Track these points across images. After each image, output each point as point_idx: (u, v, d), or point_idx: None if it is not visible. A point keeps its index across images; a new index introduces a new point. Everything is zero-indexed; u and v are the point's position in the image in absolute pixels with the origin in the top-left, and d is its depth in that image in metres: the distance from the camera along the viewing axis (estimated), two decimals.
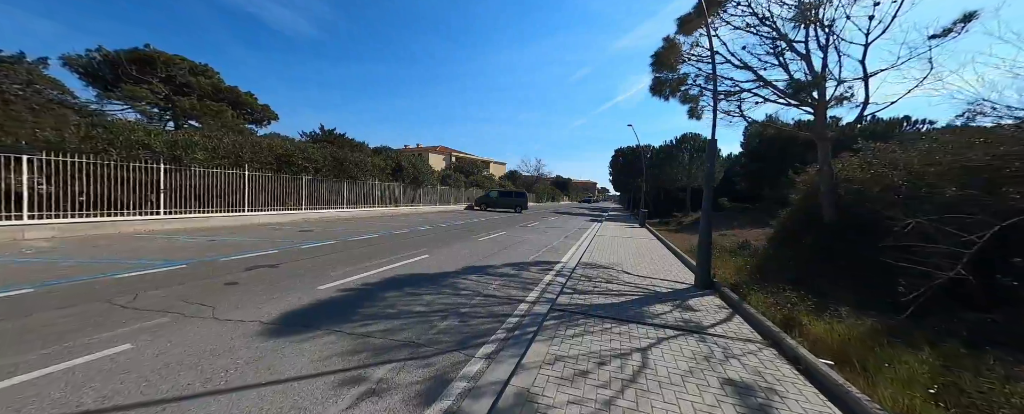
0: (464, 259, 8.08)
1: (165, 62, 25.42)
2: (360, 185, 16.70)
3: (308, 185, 13.56)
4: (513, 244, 10.95)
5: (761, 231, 13.75)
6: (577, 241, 12.72)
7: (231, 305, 4.22)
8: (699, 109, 11.54)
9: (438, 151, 64.89)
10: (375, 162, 18.54)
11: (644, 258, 9.25)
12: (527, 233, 14.19)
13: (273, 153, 11.87)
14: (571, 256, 9.32)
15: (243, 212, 11.24)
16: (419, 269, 6.79)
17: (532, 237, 12.98)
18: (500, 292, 5.56)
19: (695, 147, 27.11)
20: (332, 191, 14.94)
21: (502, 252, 9.35)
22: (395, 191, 19.76)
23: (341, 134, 29.34)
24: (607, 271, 7.35)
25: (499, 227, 15.93)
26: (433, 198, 24.34)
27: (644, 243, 12.54)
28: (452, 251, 8.99)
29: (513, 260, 8.36)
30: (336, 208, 15.30)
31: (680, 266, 8.43)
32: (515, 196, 29.33)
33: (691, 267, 8.08)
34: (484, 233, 13.22)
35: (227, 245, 7.97)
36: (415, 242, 10.08)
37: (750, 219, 16.78)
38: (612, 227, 18.98)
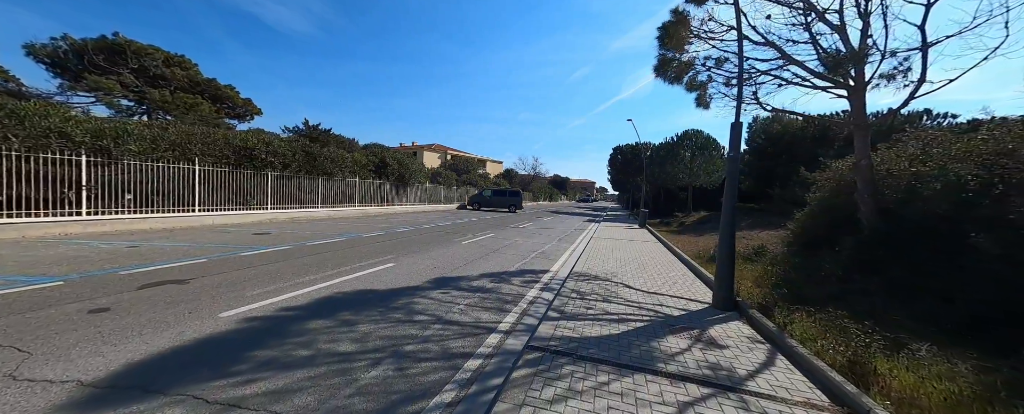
0: (436, 268, 6.82)
1: (136, 52, 24.01)
2: (337, 183, 15.40)
3: (275, 182, 12.25)
4: (499, 248, 9.70)
5: (773, 234, 12.55)
6: (571, 245, 11.48)
7: (59, 349, 2.94)
8: (707, 97, 10.35)
9: (434, 149, 63.60)
10: (356, 158, 17.23)
11: (647, 266, 8.01)
12: (517, 235, 12.95)
13: (231, 146, 10.57)
14: (563, 264, 8.07)
15: (193, 212, 9.93)
16: (374, 283, 5.53)
17: (522, 240, 11.73)
18: (466, 316, 4.31)
19: (697, 144, 25.90)
20: (305, 189, 13.66)
21: (483, 259, 8.09)
22: (378, 189, 18.47)
23: (326, 129, 27.98)
24: (604, 284, 6.10)
25: (488, 228, 14.69)
26: (421, 197, 23.06)
27: (646, 247, 11.31)
28: (425, 258, 7.73)
29: (494, 269, 7.10)
30: (309, 208, 14.01)
31: (690, 277, 7.18)
32: (509, 195, 28.06)
33: (704, 279, 6.84)
34: (469, 235, 11.96)
35: (147, 252, 6.67)
36: (386, 247, 8.81)
37: (757, 220, 15.60)
38: (610, 228, 17.76)
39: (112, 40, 23.40)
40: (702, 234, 15.96)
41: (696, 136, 26.11)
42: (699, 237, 15.26)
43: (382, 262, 7.03)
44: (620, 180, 45.09)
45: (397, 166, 19.33)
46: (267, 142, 11.75)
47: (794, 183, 15.24)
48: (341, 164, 15.23)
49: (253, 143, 11.20)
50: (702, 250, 10.25)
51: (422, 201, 23.17)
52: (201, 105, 24.15)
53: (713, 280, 6.40)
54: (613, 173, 44.36)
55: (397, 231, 11.89)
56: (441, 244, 9.79)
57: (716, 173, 25.52)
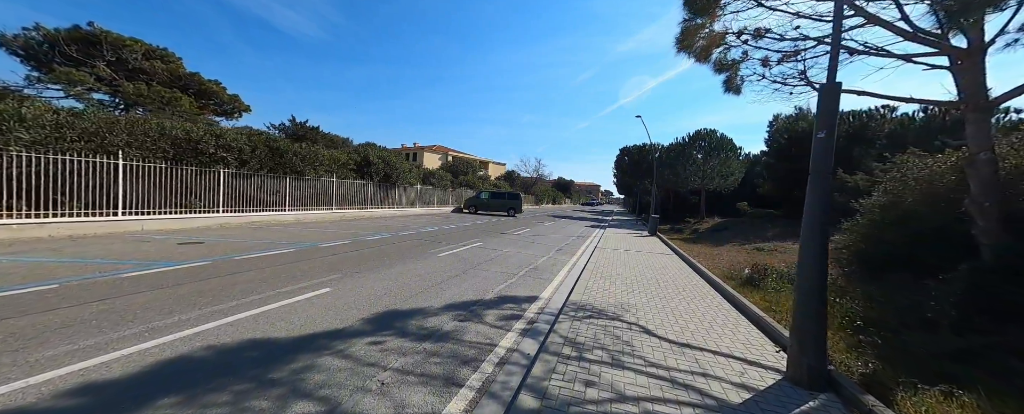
0: (386, 296, 5.08)
1: (113, 43, 22.63)
2: (310, 183, 13.74)
3: (229, 182, 10.60)
4: (482, 263, 7.94)
5: None
6: (572, 257, 9.69)
7: None
8: (738, 80, 8.57)
9: (434, 150, 62.24)
10: (334, 155, 15.57)
11: (667, 292, 6.19)
12: (509, 244, 11.18)
13: (168, 137, 8.90)
14: (558, 287, 6.30)
15: (115, 216, 8.29)
16: (278, 325, 3.80)
17: (513, 251, 9.97)
18: (384, 404, 2.55)
19: (711, 145, 24.00)
20: (269, 190, 12.01)
21: (457, 279, 6.33)
22: (360, 191, 16.77)
23: (314, 127, 26.49)
24: (612, 328, 4.31)
25: (478, 235, 12.94)
26: (412, 199, 21.36)
27: (661, 262, 9.48)
28: (379, 278, 5.99)
29: (465, 296, 5.34)
30: (274, 211, 12.35)
31: (728, 311, 5.36)
32: (508, 198, 26.29)
33: (750, 316, 5.01)
34: (451, 244, 10.21)
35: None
36: (338, 261, 7.09)
37: (787, 229, 13.70)
38: (616, 236, 15.93)
39: (87, 31, 22.05)
40: (721, 243, 14.09)
41: (709, 136, 24.22)
42: (718, 247, 13.39)
43: (317, 286, 5.29)
44: (626, 183, 43.18)
45: (383, 165, 17.63)
46: (217, 134, 10.08)
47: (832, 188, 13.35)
48: (313, 162, 13.54)
49: (198, 135, 9.52)
50: (731, 267, 8.41)
51: (412, 204, 21.47)
52: (181, 100, 22.69)
53: (764, 320, 4.59)
54: (619, 176, 42.45)
55: (366, 239, 10.17)
56: (412, 257, 8.05)
57: (731, 175, 23.60)
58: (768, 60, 7.38)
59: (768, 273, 6.82)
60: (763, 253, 10.90)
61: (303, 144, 13.78)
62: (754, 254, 10.81)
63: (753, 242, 13.08)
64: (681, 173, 25.06)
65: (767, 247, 11.56)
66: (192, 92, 26.26)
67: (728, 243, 14.07)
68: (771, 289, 6.15)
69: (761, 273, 6.81)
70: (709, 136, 24.04)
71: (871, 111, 15.44)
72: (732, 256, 10.38)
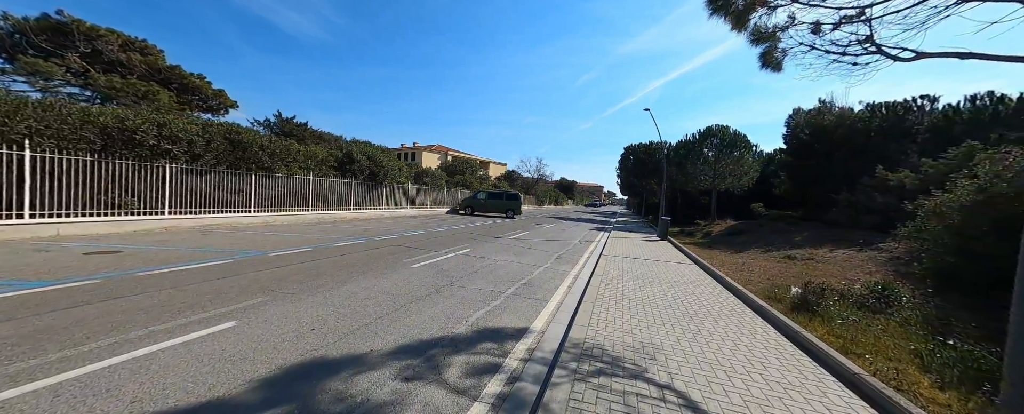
0: (315, 332, 3.63)
1: (86, 33, 21.33)
2: (282, 181, 12.30)
3: (178, 178, 9.17)
4: (465, 276, 6.47)
5: (856, 254, 9.13)
6: (573, 268, 8.21)
7: None
8: (778, 53, 7.09)
9: (434, 150, 60.98)
10: (311, 151, 14.12)
11: (702, 322, 4.69)
12: (502, 250, 9.70)
13: (95, 125, 7.46)
14: (556, 312, 4.82)
15: (20, 219, 6.86)
16: (92, 400, 2.34)
17: (506, 259, 8.49)
18: None
19: (723, 142, 22.43)
20: (230, 188, 10.58)
21: (427, 301, 4.86)
22: (342, 190, 15.31)
23: (302, 123, 25.12)
24: (637, 395, 2.83)
25: (468, 239, 11.47)
26: (402, 200, 19.89)
27: (681, 275, 7.98)
28: (319, 302, 4.54)
29: (428, 330, 3.88)
30: (237, 213, 10.90)
31: (793, 355, 3.85)
32: (506, 198, 24.79)
33: (829, 364, 3.50)
34: (433, 252, 8.75)
35: None
36: (275, 277, 5.64)
37: (818, 233, 12.14)
38: (624, 240, 14.42)
39: (57, 20, 20.75)
40: (741, 249, 12.57)
41: (721, 133, 22.66)
42: (739, 254, 11.87)
43: (220, 317, 3.84)
44: (631, 183, 41.63)
45: (367, 162, 16.17)
46: (160, 123, 8.63)
47: (866, 186, 11.80)
48: (284, 158, 12.08)
49: (136, 123, 8.07)
50: (768, 281, 6.90)
51: (403, 205, 20.01)
52: (158, 93, 21.34)
53: (862, 379, 3.09)
54: (623, 175, 40.91)
55: (335, 246, 8.72)
56: (379, 268, 6.59)
57: (745, 175, 22.04)
58: (820, 25, 5.94)
59: (825, 293, 5.30)
60: (796, 263, 9.37)
61: (272, 137, 12.34)
62: (786, 264, 9.29)
63: (779, 248, 11.54)
64: (691, 172, 23.51)
65: (799, 255, 10.03)
66: (175, 87, 24.97)
67: (749, 249, 12.54)
68: (836, 317, 4.64)
69: (816, 294, 5.30)
70: (721, 132, 22.48)
71: (907, 102, 13.88)
72: (761, 267, 8.86)
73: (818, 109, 18.60)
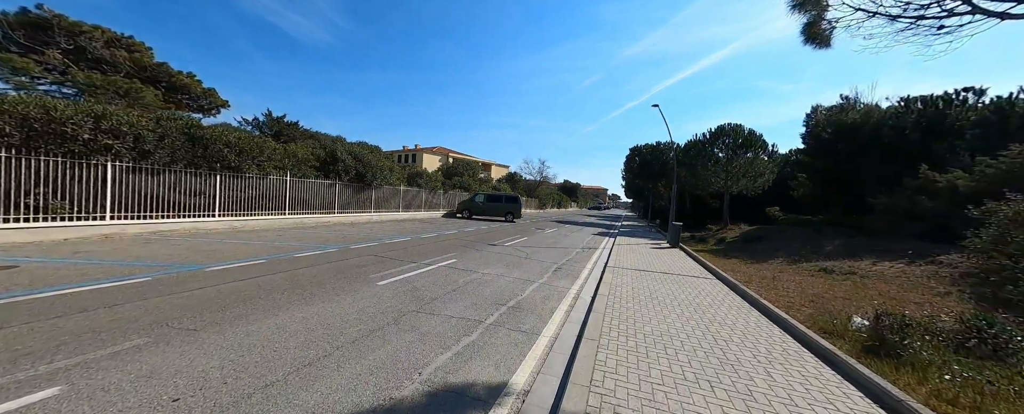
0: (181, 403, 2.39)
1: (68, 29, 20.47)
2: (254, 182, 11.13)
3: (121, 177, 8.02)
4: (439, 297, 5.24)
5: (908, 268, 7.78)
6: (574, 283, 6.94)
7: None
8: (826, 24, 6.02)
9: (435, 152, 60.05)
10: (289, 149, 12.97)
11: (748, 370, 3.41)
12: (493, 261, 8.45)
13: (10, 115, 6.28)
14: (547, 354, 3.57)
15: None
16: None
17: (496, 272, 7.24)
18: None
19: (736, 142, 21.07)
20: (191, 190, 9.43)
21: (377, 336, 3.63)
22: (325, 192, 14.12)
23: (293, 122, 24.06)
24: None
25: (458, 247, 10.24)
26: (393, 202, 18.68)
27: (702, 290, 6.68)
28: (222, 345, 3.33)
29: (357, 395, 2.63)
30: (198, 217, 9.72)
31: None
32: (505, 201, 23.55)
33: None
34: (413, 262, 7.53)
35: None
36: (185, 305, 4.45)
37: (854, 242, 10.77)
38: (631, 248, 13.12)
39: (37, 14, 19.88)
40: (763, 259, 11.23)
41: (734, 132, 21.31)
42: (763, 264, 10.55)
43: (53, 376, 2.63)
44: (637, 186, 40.25)
45: (354, 162, 14.98)
46: (97, 115, 7.47)
47: (907, 189, 10.42)
48: (255, 156, 10.91)
49: (66, 114, 6.89)
50: (819, 304, 5.58)
51: (394, 208, 18.81)
52: (141, 91, 20.39)
53: None
54: (629, 178, 39.54)
55: (298, 256, 7.52)
56: (332, 289, 5.38)
57: (760, 177, 20.65)
58: None
59: (908, 329, 3.99)
60: (836, 278, 8.03)
61: (242, 134, 11.19)
62: (825, 280, 7.95)
63: (809, 259, 10.19)
64: (701, 174, 22.15)
65: (836, 269, 8.68)
66: (163, 85, 24.07)
67: (773, 258, 11.20)
68: (933, 367, 3.35)
69: (895, 329, 4.00)
70: (734, 132, 21.11)
71: (948, 95, 12.49)
72: (796, 283, 7.54)
73: (841, 106, 17.26)
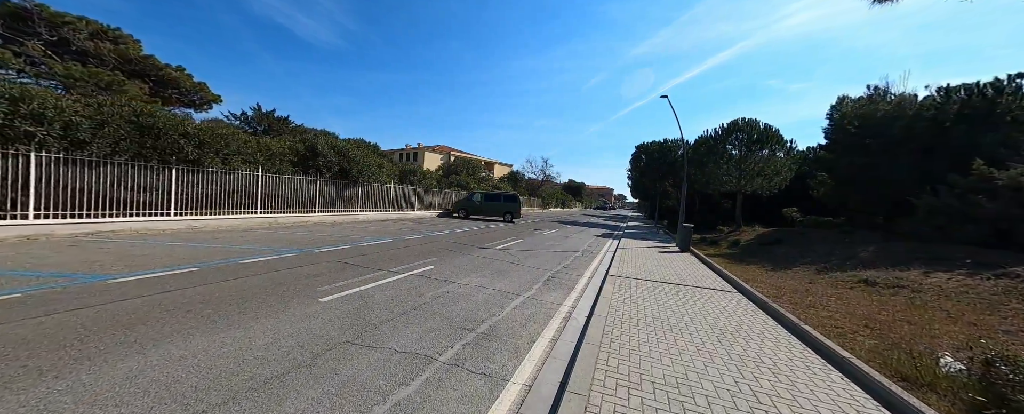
0: None
1: (50, 20, 19.71)
2: (219, 177, 10.07)
3: (49, 170, 6.97)
4: (389, 320, 4.10)
5: (972, 280, 6.46)
6: (566, 298, 5.74)
7: None
8: None
9: (437, 150, 59.10)
10: (265, 142, 11.92)
11: None
12: (477, 268, 7.29)
13: None
14: None
15: None
16: None
17: (475, 283, 6.08)
18: None
19: (751, 138, 19.67)
20: (141, 185, 8.39)
21: (262, 393, 2.47)
22: (304, 190, 13.02)
23: (282, 117, 23.13)
24: None
25: (441, 251, 9.10)
26: (383, 201, 17.54)
27: (723, 308, 5.46)
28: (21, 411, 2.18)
29: None
30: (149, 216, 8.69)
31: None
32: (504, 200, 22.37)
33: None
34: (377, 272, 6.40)
35: None
36: (27, 338, 3.35)
37: (886, 246, 9.43)
38: (636, 251, 11.87)
39: (15, 4, 19.13)
40: (786, 265, 9.95)
41: (749, 127, 19.91)
42: (786, 272, 9.29)
43: None
44: (643, 185, 38.83)
45: (336, 158, 13.88)
46: (13, 97, 6.45)
47: (957, 187, 9.06)
48: (218, 148, 9.83)
49: None
50: (877, 329, 4.34)
51: (384, 207, 17.70)
52: (124, 84, 19.56)
53: None
54: (635, 176, 38.15)
55: (242, 263, 6.44)
56: (257, 309, 4.26)
57: (777, 175, 19.24)
58: None
59: None
60: (883, 292, 6.74)
61: (202, 124, 10.11)
62: (869, 294, 6.67)
63: (841, 266, 8.89)
64: (713, 172, 20.79)
65: (879, 279, 7.38)
66: (151, 79, 23.28)
67: (796, 265, 9.91)
68: None
69: (1011, 381, 2.77)
70: (749, 127, 19.72)
71: (998, 82, 11.07)
72: (835, 299, 6.27)
73: (869, 97, 15.83)
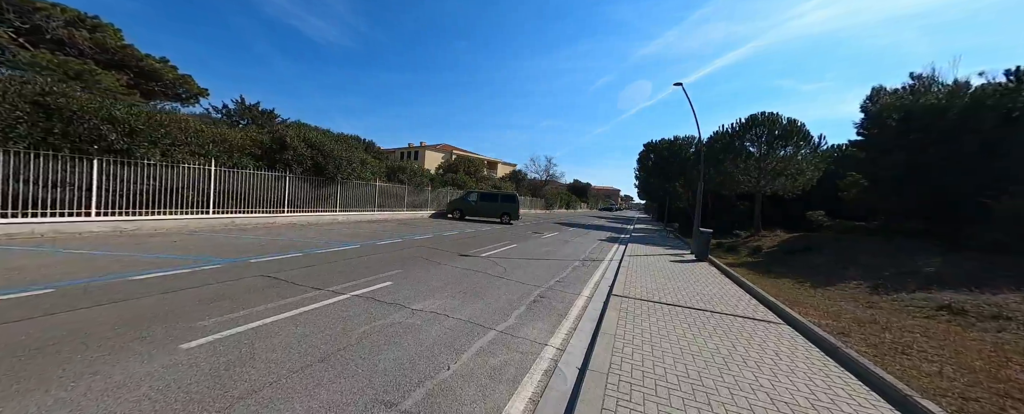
0: None
1: (18, 7, 18.60)
2: (158, 171, 8.62)
3: None
4: (259, 391, 2.54)
5: None
6: (552, 336, 4.13)
7: None
8: None
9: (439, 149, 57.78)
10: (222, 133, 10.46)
11: None
12: (445, 285, 5.72)
13: None
14: None
15: None
16: None
17: (432, 309, 4.49)
18: None
19: (773, 133, 17.87)
20: (51, 179, 6.98)
21: None
22: (271, 187, 11.51)
23: (267, 110, 21.81)
24: None
25: (412, 261, 7.56)
26: (366, 200, 15.99)
27: (782, 359, 3.82)
28: None
29: None
30: (65, 217, 7.26)
31: None
32: (502, 200, 20.79)
33: None
34: (314, 291, 4.88)
35: None
36: None
37: (956, 261, 7.68)
38: (646, 260, 10.20)
39: None
40: (825, 279, 8.26)
41: (769, 122, 18.12)
42: (832, 289, 7.64)
43: None
44: (651, 185, 37.02)
45: (308, 151, 12.39)
46: None
47: None
48: (155, 137, 8.33)
49: None
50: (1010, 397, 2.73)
51: (368, 206, 16.20)
52: (98, 73, 18.35)
53: None
54: (642, 177, 36.36)
55: (133, 279, 4.95)
56: (62, 370, 2.73)
57: (802, 175, 17.43)
58: None
59: None
60: (987, 327, 5.04)
61: (133, 108, 8.61)
62: (964, 329, 4.97)
63: (904, 285, 7.17)
64: (729, 171, 19.03)
65: (966, 305, 5.67)
66: (131, 70, 22.09)
67: (841, 280, 8.21)
68: None
69: None
70: (769, 122, 17.92)
71: None
72: (919, 331, 4.60)
73: (911, 87, 13.99)
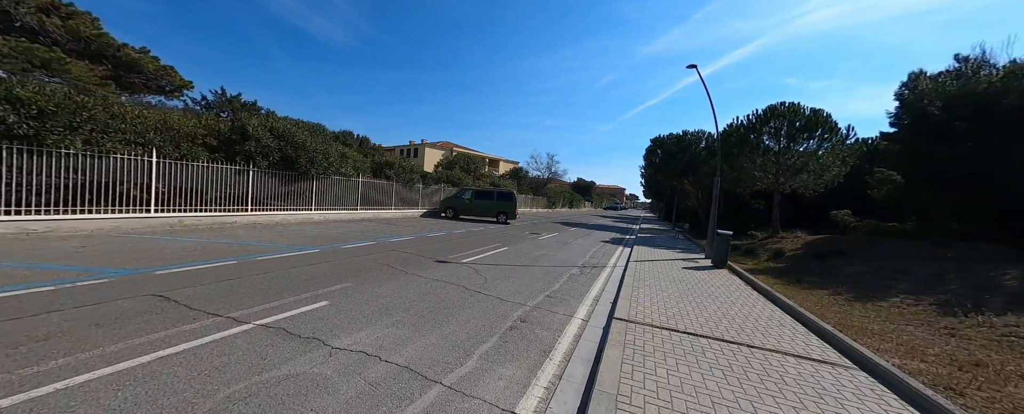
0: None
1: None
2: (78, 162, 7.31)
3: None
4: None
5: None
6: (521, 399, 2.73)
7: None
8: None
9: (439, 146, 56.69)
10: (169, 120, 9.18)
11: None
12: (396, 306, 4.38)
13: None
14: None
15: None
16: None
17: (368, 345, 3.13)
18: None
19: (795, 125, 16.29)
20: None
21: None
22: (231, 182, 10.14)
23: (250, 102, 20.61)
24: None
25: (375, 269, 6.22)
26: (348, 198, 14.65)
27: None
28: None
29: None
30: None
31: None
32: (498, 198, 19.41)
33: None
34: (210, 319, 3.55)
35: None
36: None
37: None
38: (654, 267, 8.76)
39: None
40: (875, 293, 6.79)
41: (790, 113, 16.53)
42: (882, 304, 6.19)
43: None
44: (657, 183, 35.43)
45: (275, 142, 11.02)
46: None
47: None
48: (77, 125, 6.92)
49: None
50: None
51: (349, 204, 14.88)
52: (66, 62, 17.24)
53: None
54: (649, 174, 34.78)
55: None
56: None
57: (828, 171, 15.86)
58: None
59: None
60: None
61: (42, 87, 7.29)
62: None
63: (985, 304, 5.70)
64: (744, 167, 17.48)
65: None
66: (108, 60, 20.97)
67: (893, 294, 6.74)
68: None
69: None
70: (790, 113, 16.33)
71: None
72: None
73: (957, 71, 12.39)
